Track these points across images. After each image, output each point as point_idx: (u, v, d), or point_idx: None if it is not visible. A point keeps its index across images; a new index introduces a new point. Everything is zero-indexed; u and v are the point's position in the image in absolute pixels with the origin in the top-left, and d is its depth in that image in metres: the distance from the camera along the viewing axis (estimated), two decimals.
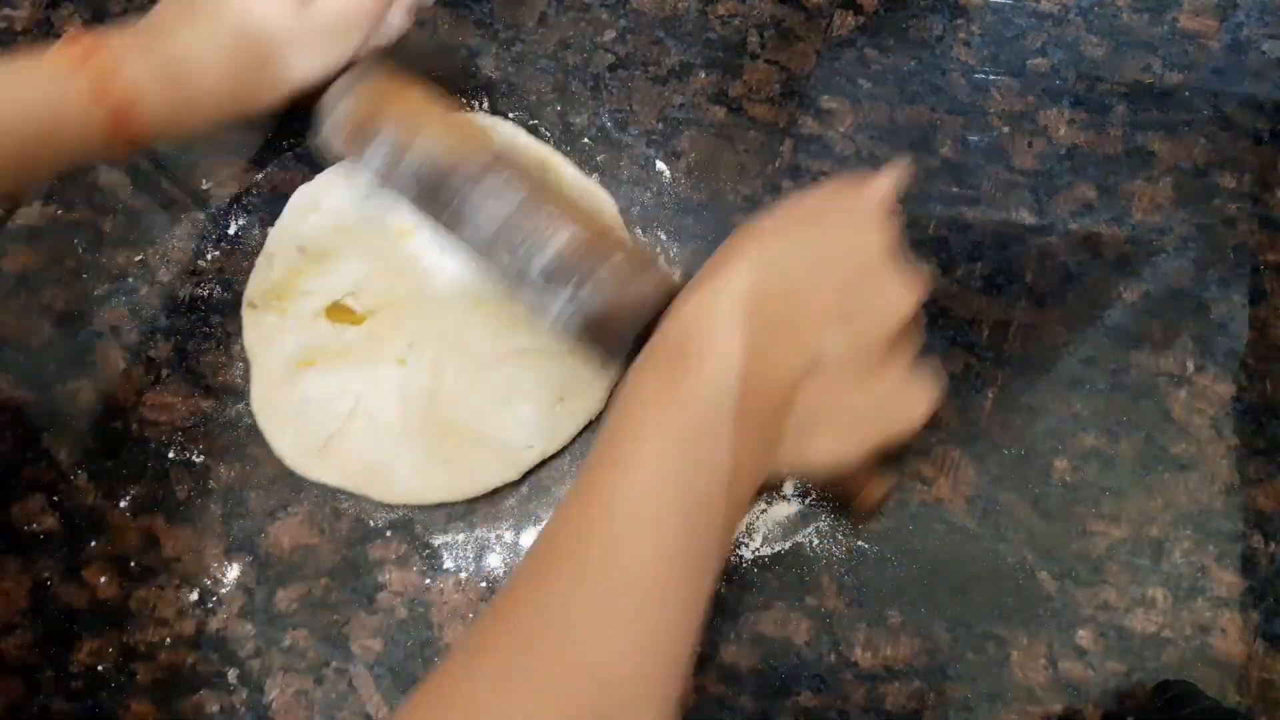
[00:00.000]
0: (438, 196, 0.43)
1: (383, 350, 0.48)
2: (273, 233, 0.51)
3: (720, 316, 0.34)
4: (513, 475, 0.47)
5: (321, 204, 0.51)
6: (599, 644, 0.30)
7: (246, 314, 0.49)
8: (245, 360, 0.49)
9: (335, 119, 0.46)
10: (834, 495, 0.46)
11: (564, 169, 0.52)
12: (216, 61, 0.44)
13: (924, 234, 0.51)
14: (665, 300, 0.38)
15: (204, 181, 0.52)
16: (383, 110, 0.45)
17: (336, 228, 0.51)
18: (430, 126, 0.44)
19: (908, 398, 0.36)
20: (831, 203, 0.37)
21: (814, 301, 0.34)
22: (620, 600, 0.30)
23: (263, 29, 0.44)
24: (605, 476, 0.33)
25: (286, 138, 0.53)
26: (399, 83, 0.46)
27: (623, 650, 0.30)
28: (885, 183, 0.38)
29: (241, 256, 0.51)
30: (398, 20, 0.49)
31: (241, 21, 0.44)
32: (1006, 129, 0.53)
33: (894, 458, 0.47)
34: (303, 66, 0.46)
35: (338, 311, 0.49)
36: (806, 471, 0.36)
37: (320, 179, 0.52)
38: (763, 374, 0.33)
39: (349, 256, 0.50)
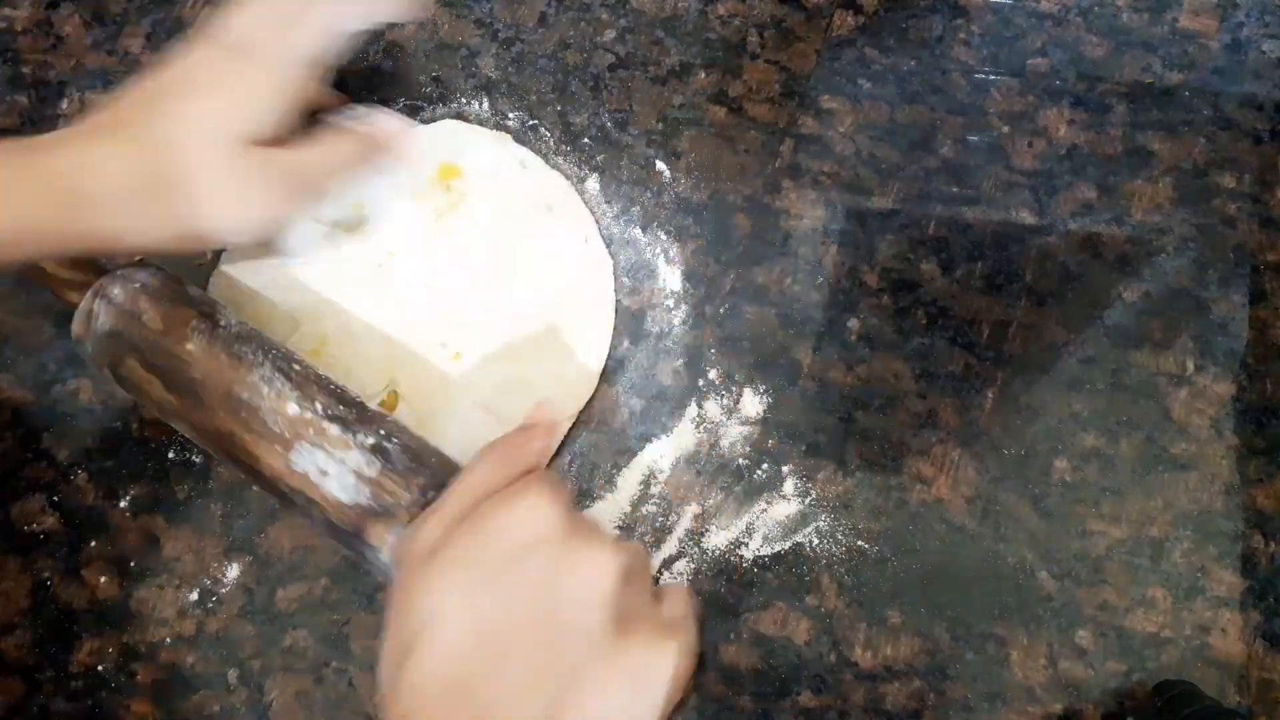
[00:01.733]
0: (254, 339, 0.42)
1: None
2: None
3: (435, 713, 0.32)
4: None
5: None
6: None
7: None
8: None
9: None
10: None
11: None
12: (111, 184, 0.39)
13: (924, 234, 0.52)
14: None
15: None
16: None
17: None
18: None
19: (660, 660, 0.34)
20: (489, 507, 0.35)
21: (519, 644, 0.32)
22: None
23: (181, 162, 0.39)
24: None
25: None
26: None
27: None
28: (538, 441, 0.37)
29: None
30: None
31: (158, 148, 0.39)
32: (1006, 129, 0.53)
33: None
34: (222, 214, 0.41)
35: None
36: None
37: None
38: None
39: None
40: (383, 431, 0.40)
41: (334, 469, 0.39)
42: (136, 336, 0.42)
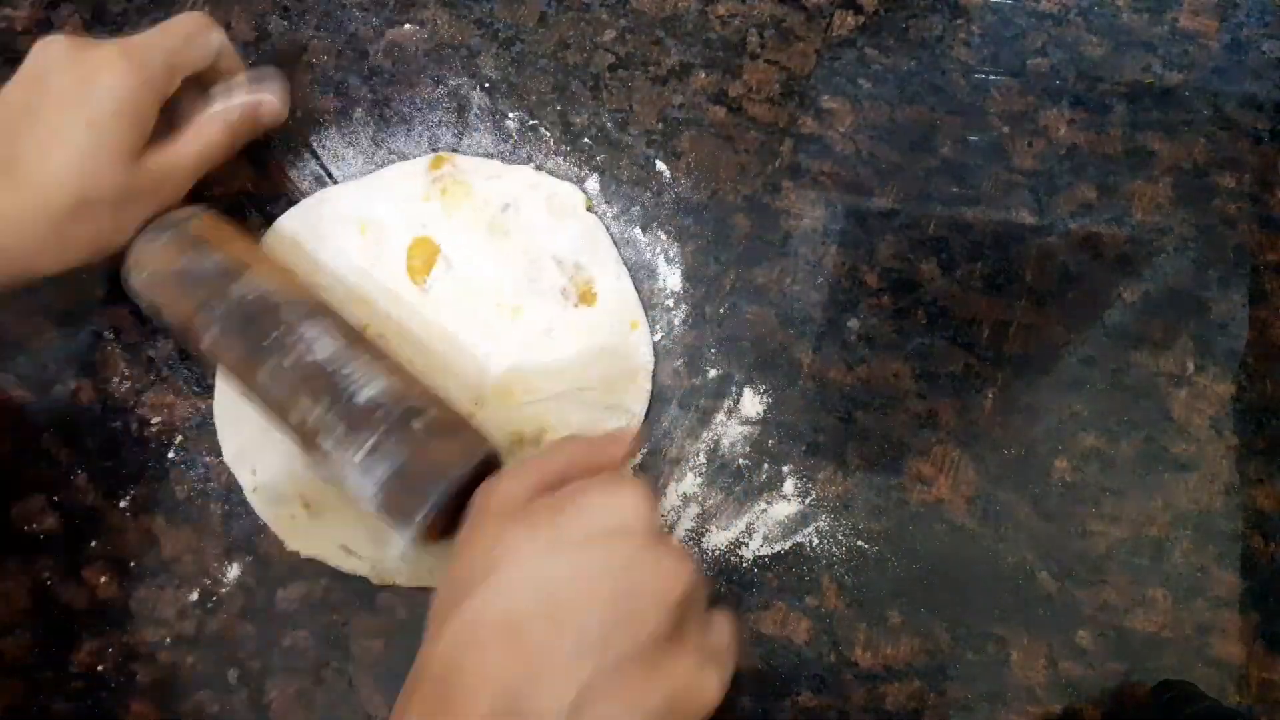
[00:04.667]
0: (259, 326, 0.42)
1: None
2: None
3: (481, 654, 0.32)
4: None
5: None
6: None
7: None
8: None
9: (154, 247, 0.44)
10: None
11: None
12: (22, 230, 0.41)
13: (924, 234, 0.52)
14: (473, 468, 0.39)
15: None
16: (210, 242, 0.44)
17: None
18: (260, 263, 0.44)
19: (701, 684, 0.34)
20: (582, 489, 0.36)
21: (584, 619, 0.33)
22: None
23: (90, 191, 0.41)
24: None
25: (286, 136, 0.53)
26: (224, 226, 0.46)
27: None
28: (618, 449, 0.38)
29: None
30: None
31: (65, 184, 0.41)
32: (1006, 129, 0.53)
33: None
34: (128, 224, 0.44)
35: None
36: None
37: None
38: (535, 709, 0.32)
39: None
40: (379, 433, 0.40)
41: (342, 474, 0.41)
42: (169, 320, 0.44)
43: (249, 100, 0.47)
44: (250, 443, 0.47)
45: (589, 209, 0.51)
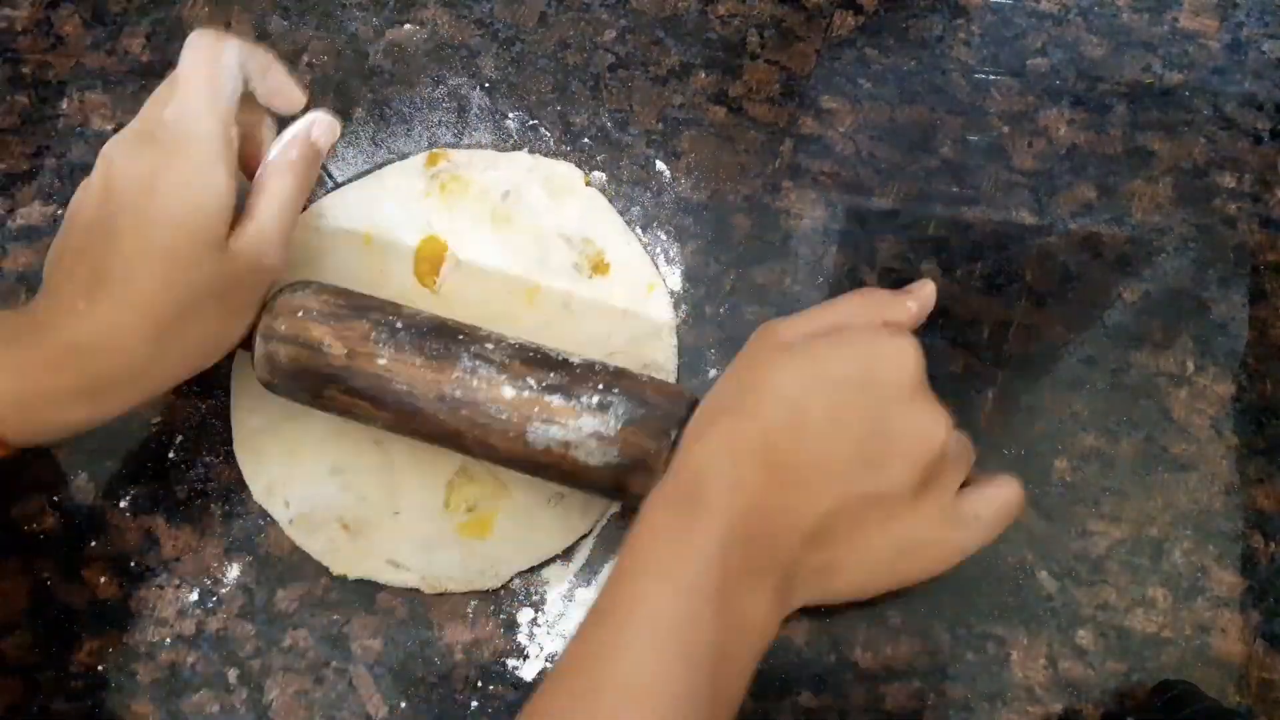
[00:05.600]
0: (439, 334, 0.41)
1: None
2: None
3: (735, 463, 0.33)
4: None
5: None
6: None
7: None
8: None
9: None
10: None
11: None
12: (127, 349, 0.38)
13: (924, 234, 0.51)
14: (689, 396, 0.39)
15: None
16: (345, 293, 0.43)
17: None
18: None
19: (936, 543, 0.36)
20: (857, 332, 0.36)
21: (833, 450, 0.34)
22: None
23: (190, 289, 0.38)
24: (606, 630, 0.32)
25: None
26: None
27: None
28: (914, 305, 0.38)
29: None
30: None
31: (161, 290, 0.38)
32: (1006, 129, 0.53)
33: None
34: (237, 315, 0.41)
35: None
36: (823, 602, 0.36)
37: None
38: (777, 524, 0.33)
39: None
40: (600, 386, 0.40)
41: (573, 438, 0.39)
42: (325, 367, 0.41)
43: (299, 131, 0.44)
44: (279, 476, 0.47)
45: (587, 183, 0.52)
